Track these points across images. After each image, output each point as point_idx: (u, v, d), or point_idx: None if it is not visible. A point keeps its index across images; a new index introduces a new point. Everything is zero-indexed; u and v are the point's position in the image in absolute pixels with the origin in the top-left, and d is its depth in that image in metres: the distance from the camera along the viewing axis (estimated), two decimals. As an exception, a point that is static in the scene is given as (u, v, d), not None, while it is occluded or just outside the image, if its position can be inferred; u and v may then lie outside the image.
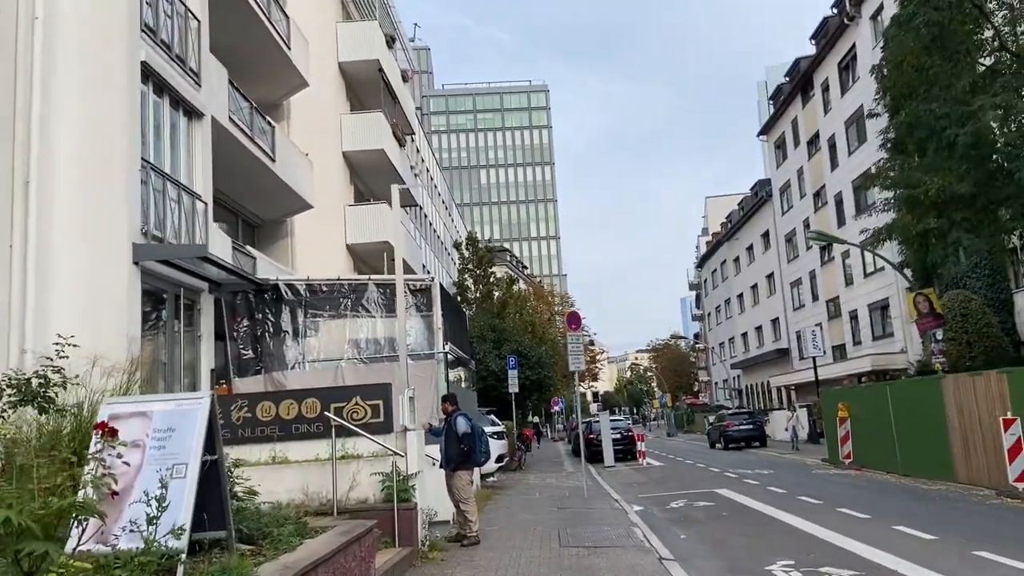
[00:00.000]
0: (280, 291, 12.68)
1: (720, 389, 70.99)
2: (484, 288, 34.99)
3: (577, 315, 16.48)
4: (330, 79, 25.50)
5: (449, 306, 14.00)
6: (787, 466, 23.05)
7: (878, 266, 36.73)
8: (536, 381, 29.85)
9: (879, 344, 36.74)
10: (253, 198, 17.72)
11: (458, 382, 21.45)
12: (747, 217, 57.90)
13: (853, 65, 38.28)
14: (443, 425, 10.95)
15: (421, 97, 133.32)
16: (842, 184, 39.88)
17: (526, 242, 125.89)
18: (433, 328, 12.60)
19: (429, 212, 44.38)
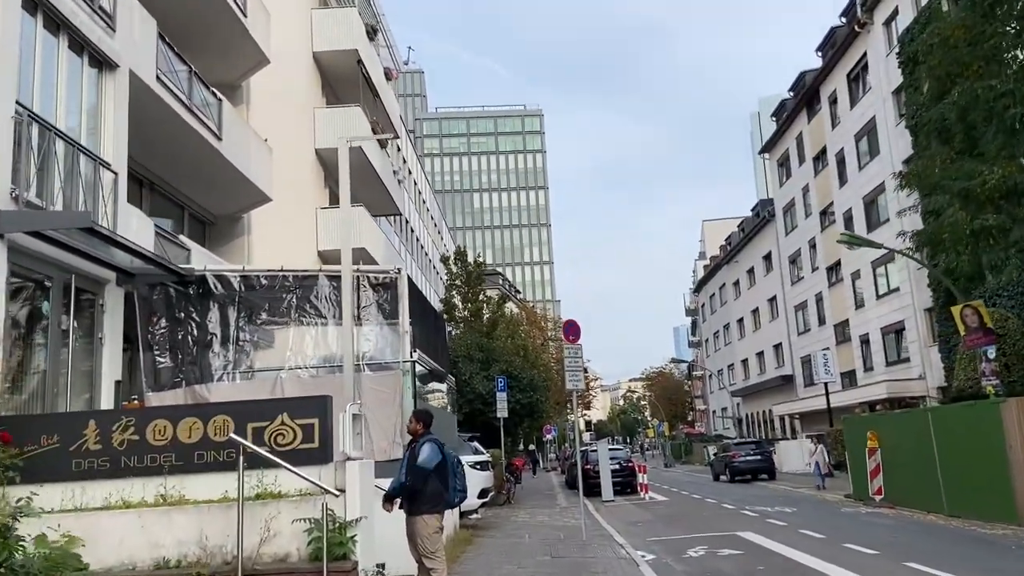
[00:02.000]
0: (208, 285, 10.20)
1: (719, 418, 68.33)
2: (473, 306, 32.50)
3: (576, 324, 14.03)
4: (303, 70, 23.24)
5: (421, 307, 11.52)
6: (809, 503, 20.48)
7: (892, 286, 34.48)
8: (527, 405, 27.23)
9: (894, 370, 34.32)
10: (199, 187, 15.28)
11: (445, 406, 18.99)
12: (748, 239, 55.72)
13: (863, 75, 36.32)
14: (406, 452, 8.30)
15: (414, 120, 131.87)
16: (852, 201, 37.72)
17: (519, 267, 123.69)
18: (399, 331, 10.11)
19: (416, 226, 41.99)
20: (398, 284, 10.30)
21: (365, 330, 10.14)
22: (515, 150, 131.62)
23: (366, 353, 10.05)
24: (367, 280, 10.30)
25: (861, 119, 36.08)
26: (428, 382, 11.29)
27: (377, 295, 10.27)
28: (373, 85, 25.52)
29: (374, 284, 10.31)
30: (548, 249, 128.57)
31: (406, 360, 10.01)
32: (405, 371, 10.03)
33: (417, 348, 10.16)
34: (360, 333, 10.12)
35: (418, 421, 7.91)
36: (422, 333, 11.18)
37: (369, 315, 10.17)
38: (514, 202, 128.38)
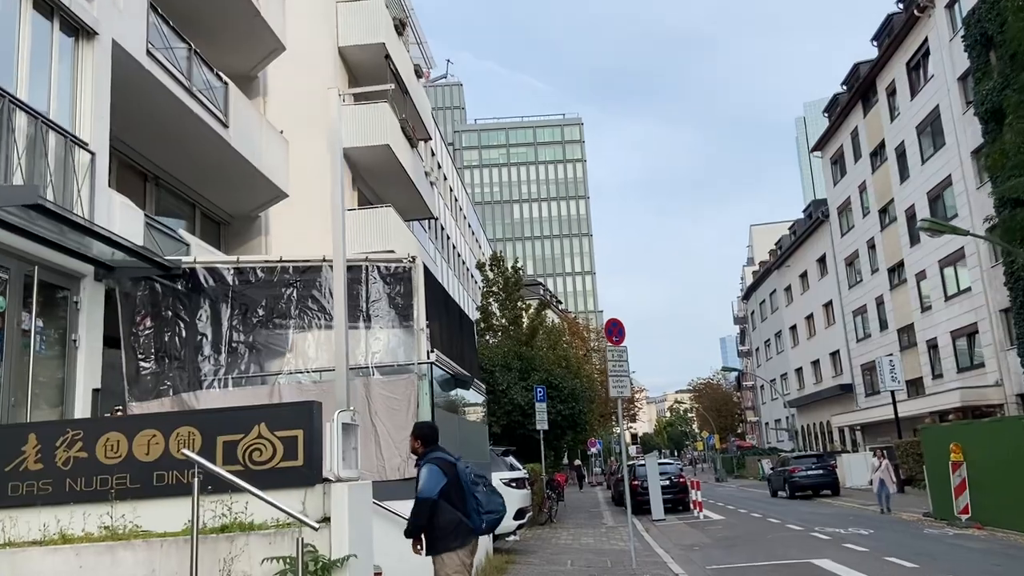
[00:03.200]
0: (198, 279, 8.91)
1: (772, 430, 65.66)
2: (511, 313, 30.98)
3: (619, 324, 12.45)
4: (329, 66, 22.14)
5: (442, 303, 10.09)
6: (884, 523, 18.48)
7: (962, 286, 32.08)
8: (569, 417, 25.55)
9: (966, 376, 31.88)
10: (208, 182, 14.11)
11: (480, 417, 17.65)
12: (800, 241, 53.33)
13: (924, 63, 34.12)
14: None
15: (453, 132, 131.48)
16: (915, 196, 35.42)
17: (560, 277, 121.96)
18: (414, 329, 8.69)
19: (452, 233, 40.73)
20: (413, 275, 8.88)
21: (374, 328, 8.75)
22: (555, 160, 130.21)
23: (376, 354, 8.64)
24: (377, 271, 8.91)
25: (923, 109, 33.86)
26: (451, 388, 9.84)
27: (388, 287, 8.87)
28: (402, 81, 24.34)
29: (385, 275, 8.91)
30: (590, 259, 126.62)
31: (422, 362, 8.57)
32: (421, 375, 8.59)
33: (435, 349, 8.71)
34: (369, 331, 8.73)
35: (416, 438, 6.50)
36: (443, 332, 9.74)
37: (379, 310, 8.78)
38: (554, 212, 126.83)
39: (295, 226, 17.23)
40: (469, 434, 11.30)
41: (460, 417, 10.63)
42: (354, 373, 8.63)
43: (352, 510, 5.50)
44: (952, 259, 32.50)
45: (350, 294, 8.92)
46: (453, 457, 6.34)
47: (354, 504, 5.56)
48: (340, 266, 6.55)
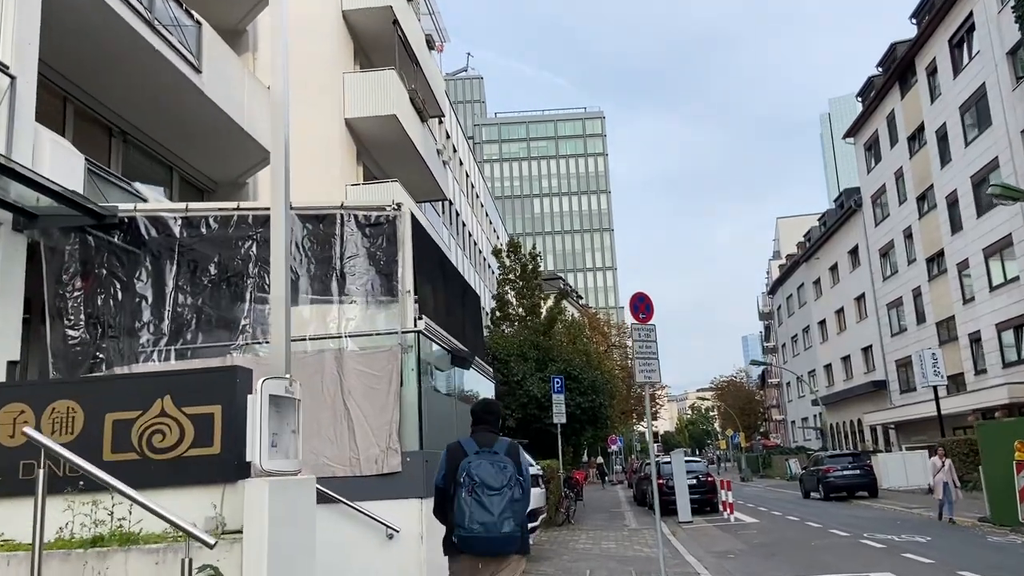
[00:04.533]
0: (139, 230, 7.37)
1: (798, 428, 63.53)
2: (528, 302, 29.32)
3: (647, 298, 10.79)
4: (332, 32, 20.66)
5: (436, 264, 8.49)
6: (937, 528, 16.67)
7: (1010, 275, 30.01)
8: (588, 411, 23.86)
9: (1013, 372, 29.81)
10: (185, 141, 12.60)
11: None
12: (830, 233, 51.18)
13: (968, 39, 32.05)
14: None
15: (473, 126, 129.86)
16: (956, 181, 33.34)
17: (581, 273, 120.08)
18: (399, 291, 7.09)
19: (468, 221, 39.13)
20: (398, 226, 7.28)
21: (350, 289, 7.16)
22: (576, 154, 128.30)
23: (351, 321, 7.06)
24: (354, 220, 7.32)
25: (967, 88, 31.78)
26: (447, 367, 8.24)
27: (368, 241, 7.27)
28: (412, 51, 22.78)
29: (364, 226, 7.31)
30: (611, 254, 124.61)
31: (407, 331, 6.97)
32: (407, 347, 6.99)
33: (424, 316, 7.11)
34: (343, 293, 7.15)
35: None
36: (437, 299, 8.14)
37: (356, 268, 7.19)
38: (575, 206, 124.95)
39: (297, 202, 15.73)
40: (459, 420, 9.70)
41: (459, 402, 9.02)
42: (323, 344, 7.06)
43: (276, 517, 3.90)
44: (998, 247, 30.42)
45: (321, 248, 7.36)
46: (476, 446, 4.82)
47: (280, 509, 3.97)
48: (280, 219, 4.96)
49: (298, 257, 7.28)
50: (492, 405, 5.20)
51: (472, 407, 5.24)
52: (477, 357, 10.03)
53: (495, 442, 4.78)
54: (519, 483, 4.58)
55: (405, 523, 6.60)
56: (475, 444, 4.77)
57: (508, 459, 4.63)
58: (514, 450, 4.77)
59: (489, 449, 4.73)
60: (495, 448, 4.74)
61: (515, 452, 4.76)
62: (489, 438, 4.83)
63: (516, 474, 4.59)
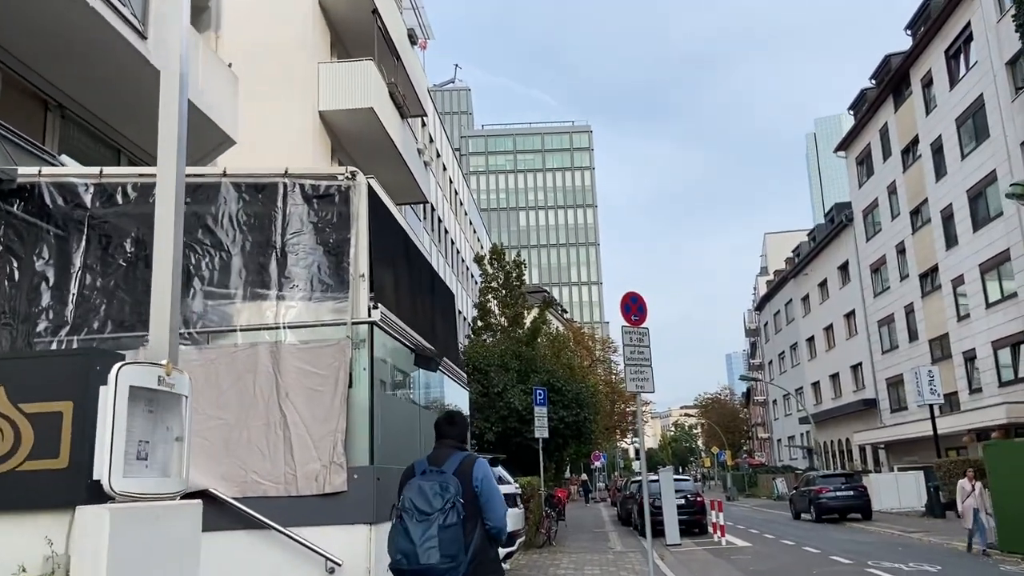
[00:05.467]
0: (42, 198, 6.16)
1: (785, 447, 62.57)
2: (511, 311, 28.15)
3: (640, 299, 9.68)
4: (306, 19, 19.53)
5: (402, 247, 7.31)
6: (945, 556, 15.59)
7: (1007, 291, 29.20)
8: (572, 425, 22.65)
9: (1010, 391, 28.94)
10: (133, 118, 11.35)
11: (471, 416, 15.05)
12: (820, 248, 50.44)
13: (965, 49, 31.41)
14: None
15: (460, 137, 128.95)
16: (952, 195, 32.61)
17: (566, 287, 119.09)
18: (349, 275, 5.90)
19: (451, 227, 37.95)
20: (352, 198, 6.11)
21: (292, 271, 5.98)
22: (563, 167, 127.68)
23: (291, 309, 5.87)
24: (299, 191, 6.15)
25: (965, 99, 31.10)
26: (410, 369, 7.03)
27: (315, 215, 6.09)
28: (392, 44, 21.68)
29: (311, 196, 6.14)
30: (597, 269, 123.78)
31: (359, 321, 5.78)
32: (358, 341, 5.81)
33: (381, 305, 5.93)
34: (283, 276, 5.97)
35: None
36: (399, 287, 6.97)
37: (299, 246, 6.00)
38: (561, 220, 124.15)
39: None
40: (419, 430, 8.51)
41: (423, 409, 7.82)
42: (257, 336, 5.87)
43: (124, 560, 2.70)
44: (996, 262, 29.64)
45: (259, 223, 6.18)
46: (427, 464, 4.41)
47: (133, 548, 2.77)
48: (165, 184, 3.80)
49: (231, 233, 6.09)
50: (455, 417, 4.69)
51: (435, 420, 4.67)
52: (449, 360, 8.84)
53: (448, 458, 4.31)
54: (456, 507, 4.03)
55: (349, 554, 5.40)
56: (426, 463, 4.37)
57: (454, 479, 4.13)
58: (466, 468, 4.24)
59: (437, 468, 4.26)
60: (444, 466, 4.25)
61: (467, 470, 4.22)
62: (444, 454, 4.36)
63: (458, 496, 4.06)
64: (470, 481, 4.17)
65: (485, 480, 4.26)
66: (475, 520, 4.13)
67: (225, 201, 6.17)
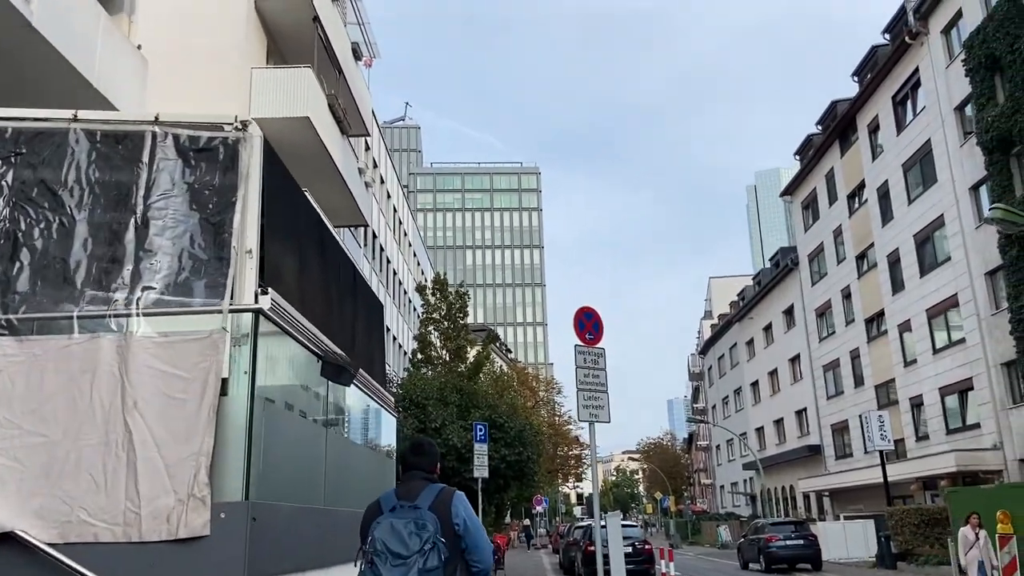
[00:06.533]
0: None
1: (728, 493, 61.82)
2: (453, 344, 26.75)
3: (595, 314, 8.49)
4: (241, 24, 18.20)
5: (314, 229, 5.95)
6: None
7: (954, 337, 28.97)
8: (515, 465, 21.19)
9: (957, 438, 28.57)
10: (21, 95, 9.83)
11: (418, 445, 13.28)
12: (765, 292, 50.37)
13: (913, 95, 31.66)
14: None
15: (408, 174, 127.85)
16: (899, 240, 32.58)
17: (512, 327, 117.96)
18: (231, 250, 4.51)
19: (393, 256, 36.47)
20: (240, 154, 4.76)
21: (156, 241, 4.56)
22: (510, 207, 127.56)
23: (150, 291, 4.44)
24: (173, 142, 4.77)
25: (912, 145, 31.23)
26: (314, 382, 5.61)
27: (191, 172, 4.72)
28: (334, 55, 20.48)
29: (186, 150, 4.78)
30: (542, 310, 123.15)
31: (239, 307, 4.39)
32: (239, 336, 4.41)
33: (271, 289, 4.55)
34: (142, 248, 4.55)
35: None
36: (304, 276, 5.58)
37: (167, 211, 4.61)
38: (508, 260, 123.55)
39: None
40: (358, 469, 7.08)
41: (337, 434, 6.39)
42: (99, 325, 4.44)
43: None
44: (943, 307, 29.47)
45: (117, 179, 4.77)
46: (396, 499, 3.81)
47: None
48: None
49: (77, 193, 4.67)
50: (422, 445, 4.10)
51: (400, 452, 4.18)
52: (372, 378, 7.42)
53: (422, 491, 3.74)
54: (438, 547, 3.51)
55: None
56: (394, 497, 3.78)
57: (431, 515, 3.59)
58: (444, 502, 3.70)
59: (409, 503, 3.68)
60: (417, 501, 3.68)
61: (444, 504, 3.69)
62: (415, 487, 3.79)
63: (438, 535, 3.54)
64: (450, 517, 3.64)
65: (468, 515, 3.72)
66: (456, 562, 3.62)
67: (73, 153, 4.75)
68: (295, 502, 4.99)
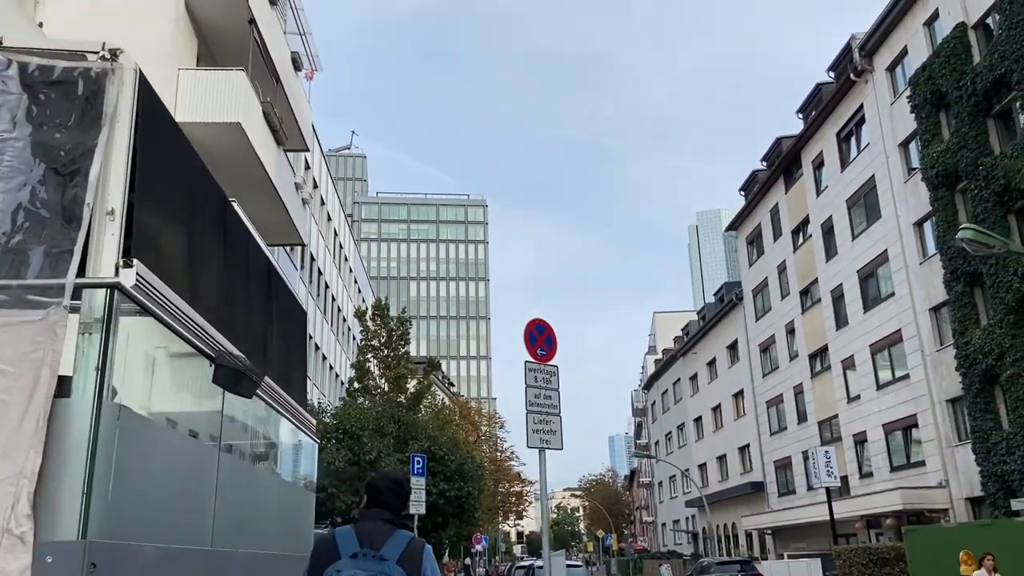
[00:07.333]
0: None
1: (670, 531, 61.07)
2: (392, 373, 25.44)
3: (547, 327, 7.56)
4: (169, 21, 16.96)
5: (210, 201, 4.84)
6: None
7: (898, 373, 28.89)
8: (454, 501, 19.92)
9: (902, 476, 28.33)
10: None
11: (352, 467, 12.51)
12: (709, 327, 50.28)
13: (857, 132, 31.97)
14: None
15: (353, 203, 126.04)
16: (842, 276, 32.64)
17: (455, 360, 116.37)
18: (82, 206, 3.43)
19: (332, 281, 35.08)
20: (106, 90, 3.70)
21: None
22: (456, 239, 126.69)
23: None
24: (17, 71, 3.70)
25: (855, 181, 31.44)
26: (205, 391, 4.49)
27: (40, 110, 3.65)
28: (271, 62, 19.38)
29: (37, 83, 3.71)
30: (487, 344, 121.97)
31: (90, 281, 3.32)
32: (90, 320, 3.32)
33: (142, 263, 3.47)
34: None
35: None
36: (198, 257, 4.48)
37: (4, 156, 3.52)
38: (452, 292, 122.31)
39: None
40: (264, 503, 5.91)
41: (236, 460, 5.25)
42: None
43: None
44: (886, 343, 29.42)
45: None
46: (357, 544, 3.12)
47: None
48: None
49: None
50: (403, 484, 3.52)
51: (371, 479, 3.54)
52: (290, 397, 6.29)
53: (388, 539, 3.13)
54: None
55: None
56: (355, 541, 3.12)
57: (399, 570, 3.02)
58: (413, 556, 3.12)
59: (374, 553, 3.06)
60: (383, 552, 3.07)
61: (414, 559, 3.12)
62: (380, 532, 3.16)
63: None
64: (419, 573, 3.14)
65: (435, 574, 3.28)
66: None
67: None
68: (168, 542, 3.86)
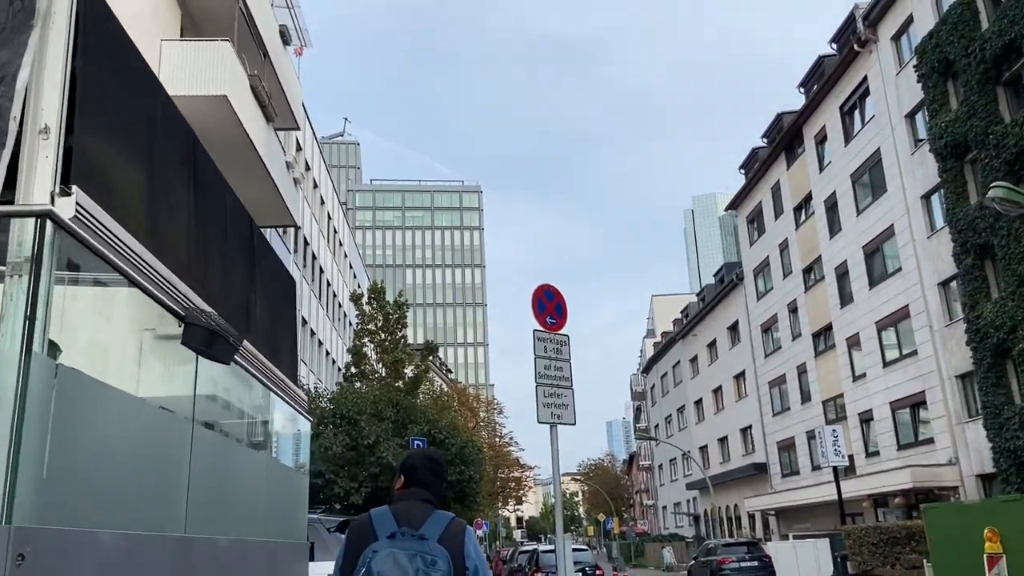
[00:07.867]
0: None
1: (671, 514, 60.79)
2: (389, 357, 24.85)
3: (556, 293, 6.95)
4: (151, -13, 16.24)
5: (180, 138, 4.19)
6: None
7: (905, 350, 28.37)
8: (455, 485, 19.40)
9: (910, 454, 27.85)
10: None
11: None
12: (709, 308, 49.75)
13: (861, 105, 31.29)
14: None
15: (347, 191, 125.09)
16: (847, 252, 32.06)
17: (452, 347, 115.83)
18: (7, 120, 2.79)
19: (327, 266, 34.39)
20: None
21: None
22: (452, 226, 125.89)
23: None
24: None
25: (860, 155, 30.79)
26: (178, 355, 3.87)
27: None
28: (258, 35, 18.65)
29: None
30: (483, 330, 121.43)
31: (14, 208, 2.68)
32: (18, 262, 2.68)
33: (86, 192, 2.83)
34: None
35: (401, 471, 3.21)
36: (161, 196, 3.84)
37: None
38: (448, 279, 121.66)
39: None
40: (249, 484, 5.28)
41: (215, 435, 4.62)
42: None
43: None
44: (893, 319, 28.88)
45: None
46: (395, 524, 2.92)
47: None
48: None
49: None
50: (440, 464, 3.25)
51: (406, 457, 3.25)
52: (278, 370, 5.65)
53: (427, 519, 2.95)
54: None
55: None
56: (392, 521, 2.93)
57: (441, 550, 2.84)
58: (455, 536, 2.93)
59: (413, 532, 2.87)
60: (423, 531, 2.89)
61: (456, 539, 2.92)
62: (418, 511, 2.98)
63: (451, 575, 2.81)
64: (462, 554, 2.91)
65: (479, 556, 3.03)
66: None
67: None
68: (128, 528, 3.24)
